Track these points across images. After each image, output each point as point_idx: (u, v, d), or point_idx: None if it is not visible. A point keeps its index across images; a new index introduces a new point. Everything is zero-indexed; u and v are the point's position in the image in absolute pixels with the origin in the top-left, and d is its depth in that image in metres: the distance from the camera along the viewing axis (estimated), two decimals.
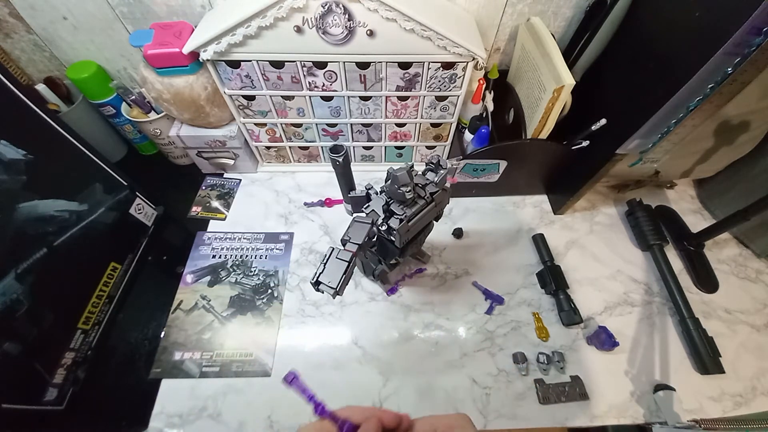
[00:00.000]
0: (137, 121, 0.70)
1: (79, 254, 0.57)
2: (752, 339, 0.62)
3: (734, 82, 0.41)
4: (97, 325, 0.59)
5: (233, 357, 0.58)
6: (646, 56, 0.52)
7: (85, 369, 0.57)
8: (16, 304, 0.47)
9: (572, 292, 0.64)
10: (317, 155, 0.79)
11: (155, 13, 0.63)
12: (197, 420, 0.53)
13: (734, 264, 0.71)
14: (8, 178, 0.47)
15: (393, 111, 0.67)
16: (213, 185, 0.78)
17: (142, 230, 0.69)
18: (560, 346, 0.60)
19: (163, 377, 0.56)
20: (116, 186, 0.63)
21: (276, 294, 0.64)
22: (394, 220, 0.45)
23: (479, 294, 0.65)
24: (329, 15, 0.51)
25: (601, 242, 0.73)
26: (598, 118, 0.58)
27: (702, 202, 0.79)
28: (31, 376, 0.50)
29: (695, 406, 0.56)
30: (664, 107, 0.46)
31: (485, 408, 0.55)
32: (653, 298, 0.66)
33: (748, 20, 0.36)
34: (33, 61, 0.70)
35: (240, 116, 0.68)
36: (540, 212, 0.77)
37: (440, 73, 0.60)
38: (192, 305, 0.63)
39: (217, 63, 0.58)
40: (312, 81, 0.61)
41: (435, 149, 0.78)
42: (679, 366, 0.59)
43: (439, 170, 0.47)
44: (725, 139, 0.63)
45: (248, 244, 0.70)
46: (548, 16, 0.67)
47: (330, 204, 0.76)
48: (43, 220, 0.51)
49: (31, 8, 0.61)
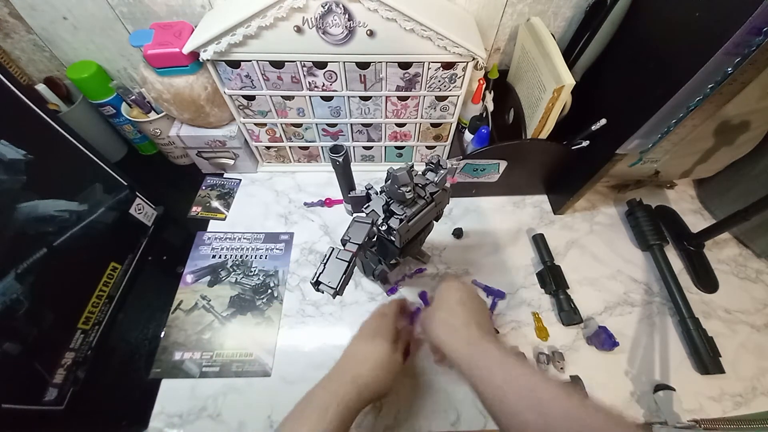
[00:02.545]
0: (137, 121, 0.70)
1: (79, 254, 0.57)
2: (752, 339, 0.62)
3: (734, 82, 0.41)
4: (97, 325, 0.59)
5: (233, 357, 0.58)
6: (646, 56, 0.52)
7: (85, 369, 0.57)
8: (16, 304, 0.47)
9: (572, 292, 0.64)
10: (317, 155, 0.79)
11: (155, 13, 0.63)
12: (197, 420, 0.53)
13: (734, 264, 0.71)
14: (8, 178, 0.47)
15: (393, 111, 0.67)
16: (213, 185, 0.78)
17: (142, 230, 0.69)
18: (560, 346, 0.60)
19: (163, 377, 0.56)
20: (116, 186, 0.63)
21: (276, 294, 0.64)
22: (394, 220, 0.45)
23: (479, 294, 0.65)
24: (329, 15, 0.51)
25: (601, 242, 0.73)
26: (598, 118, 0.58)
27: (702, 202, 0.79)
28: (31, 376, 0.50)
29: (695, 406, 0.56)
30: (664, 107, 0.46)
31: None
32: (653, 298, 0.66)
33: (748, 20, 0.36)
34: (33, 61, 0.70)
35: (240, 116, 0.68)
36: (540, 212, 0.77)
37: (440, 73, 0.60)
38: (192, 305, 0.63)
39: (217, 63, 0.58)
40: (312, 81, 0.61)
41: (435, 149, 0.78)
42: (679, 366, 0.59)
43: (439, 170, 0.47)
44: (725, 139, 0.63)
45: (248, 244, 0.70)
46: (548, 16, 0.67)
47: (330, 204, 0.76)
48: (43, 220, 0.51)
49: (31, 8, 0.61)
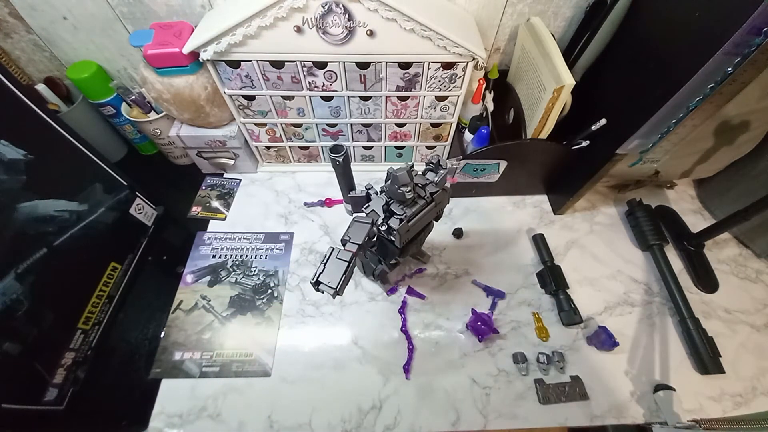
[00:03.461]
0: (137, 121, 0.70)
1: (79, 254, 0.57)
2: (752, 339, 0.62)
3: (734, 82, 0.41)
4: (97, 325, 0.59)
5: (233, 357, 0.58)
6: (646, 56, 0.52)
7: (85, 369, 0.57)
8: (16, 304, 0.47)
9: (572, 292, 0.64)
10: (317, 155, 0.79)
11: (155, 13, 0.63)
12: (197, 420, 0.53)
13: (734, 264, 0.71)
14: (8, 178, 0.47)
15: (393, 111, 0.67)
16: (213, 185, 0.78)
17: (142, 230, 0.69)
18: (560, 346, 0.60)
19: (163, 377, 0.56)
20: (116, 186, 0.63)
21: (276, 294, 0.64)
22: (394, 220, 0.45)
23: (479, 294, 0.65)
24: (329, 15, 0.51)
25: (601, 242, 0.73)
26: (598, 118, 0.58)
27: (702, 202, 0.79)
28: (31, 376, 0.50)
29: (695, 406, 0.56)
30: (664, 107, 0.46)
31: (485, 408, 0.55)
32: (653, 298, 0.66)
33: (748, 20, 0.36)
34: (33, 61, 0.70)
35: (240, 116, 0.68)
36: (540, 212, 0.77)
37: (440, 73, 0.60)
38: (192, 305, 0.63)
39: (217, 63, 0.58)
40: (312, 81, 0.61)
41: (435, 149, 0.78)
42: (679, 366, 0.59)
43: (439, 170, 0.47)
44: (725, 139, 0.63)
45: (248, 244, 0.70)
46: (548, 16, 0.67)
47: (330, 204, 0.76)
48: (43, 220, 0.51)
49: (31, 8, 0.61)
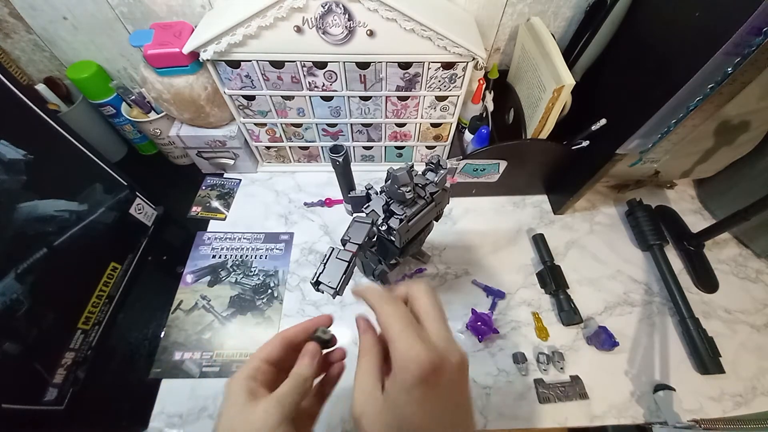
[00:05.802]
0: (137, 121, 0.70)
1: (79, 254, 0.57)
2: (752, 339, 0.62)
3: (734, 82, 0.41)
4: (97, 325, 0.59)
5: (233, 357, 0.58)
6: (646, 56, 0.52)
7: (85, 369, 0.57)
8: (16, 304, 0.47)
9: (572, 292, 0.64)
10: (317, 155, 0.79)
11: (155, 13, 0.63)
12: (197, 420, 0.53)
13: (734, 264, 0.71)
14: (8, 178, 0.47)
15: (393, 111, 0.67)
16: (213, 185, 0.78)
17: (142, 230, 0.69)
18: (560, 346, 0.60)
19: (163, 377, 0.56)
20: (116, 186, 0.63)
21: (276, 294, 0.64)
22: (394, 220, 0.45)
23: (479, 294, 0.65)
24: (329, 15, 0.51)
25: (601, 242, 0.73)
26: (598, 118, 0.58)
27: (702, 202, 0.79)
28: (31, 376, 0.50)
29: (695, 406, 0.56)
30: (664, 107, 0.46)
31: (485, 408, 0.55)
32: (653, 298, 0.66)
33: (748, 20, 0.36)
34: (33, 61, 0.70)
35: (240, 116, 0.68)
36: (540, 212, 0.77)
37: (440, 73, 0.60)
38: (192, 305, 0.63)
39: (217, 63, 0.58)
40: (312, 81, 0.61)
41: (435, 149, 0.78)
42: (679, 366, 0.59)
43: (439, 170, 0.47)
44: (725, 139, 0.63)
45: (248, 244, 0.70)
46: (548, 16, 0.67)
47: (330, 204, 0.76)
48: (43, 220, 0.51)
49: (31, 8, 0.61)
